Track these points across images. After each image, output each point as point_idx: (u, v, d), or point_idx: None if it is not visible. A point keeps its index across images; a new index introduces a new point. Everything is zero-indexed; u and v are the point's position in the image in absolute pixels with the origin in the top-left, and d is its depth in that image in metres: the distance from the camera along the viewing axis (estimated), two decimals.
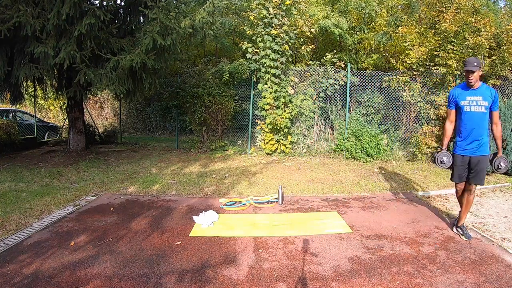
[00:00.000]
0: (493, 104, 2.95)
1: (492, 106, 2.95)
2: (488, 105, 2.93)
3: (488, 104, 2.93)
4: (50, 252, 2.66)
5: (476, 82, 2.95)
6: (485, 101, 2.93)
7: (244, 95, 7.85)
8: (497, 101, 2.96)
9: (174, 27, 5.60)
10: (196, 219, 3.33)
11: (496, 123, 3.01)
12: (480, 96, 2.95)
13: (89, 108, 11.28)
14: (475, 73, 2.89)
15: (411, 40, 7.22)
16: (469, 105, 2.97)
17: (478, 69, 2.89)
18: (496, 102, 2.95)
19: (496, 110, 2.97)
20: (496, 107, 2.96)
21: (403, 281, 2.25)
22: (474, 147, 2.98)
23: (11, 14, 4.88)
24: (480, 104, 2.95)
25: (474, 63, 2.87)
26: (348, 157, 6.69)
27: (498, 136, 3.02)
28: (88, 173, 5.48)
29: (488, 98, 2.94)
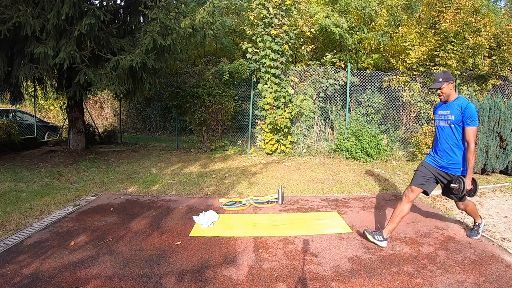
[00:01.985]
0: (464, 119, 2.66)
1: (464, 121, 2.66)
2: (454, 119, 2.70)
3: (454, 118, 2.70)
4: (50, 252, 2.65)
5: (450, 96, 2.77)
6: (452, 115, 2.73)
7: (244, 95, 7.86)
8: (470, 116, 2.63)
9: (174, 27, 5.60)
10: (196, 219, 3.33)
11: (468, 141, 2.67)
12: (448, 110, 2.77)
13: (89, 108, 11.30)
14: (444, 88, 2.74)
15: (411, 40, 7.23)
16: (438, 119, 2.87)
17: (446, 83, 2.72)
18: (469, 117, 2.63)
19: (469, 126, 2.64)
20: (469, 122, 2.64)
21: (403, 281, 2.25)
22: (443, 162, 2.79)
23: (11, 14, 4.88)
24: (446, 118, 2.78)
25: (439, 78, 2.75)
26: (348, 157, 6.69)
27: (467, 158, 2.68)
28: (88, 173, 5.48)
29: (455, 111, 2.71)
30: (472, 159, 2.66)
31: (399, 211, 2.79)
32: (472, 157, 2.65)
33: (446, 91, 2.76)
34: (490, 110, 5.22)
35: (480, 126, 5.24)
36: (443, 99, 2.80)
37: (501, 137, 5.26)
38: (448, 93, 2.77)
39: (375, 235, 2.79)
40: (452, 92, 2.78)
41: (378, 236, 2.78)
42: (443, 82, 2.73)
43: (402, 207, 2.80)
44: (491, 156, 5.23)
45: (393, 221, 2.79)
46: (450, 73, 2.80)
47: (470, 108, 2.64)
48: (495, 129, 5.25)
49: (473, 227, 3.08)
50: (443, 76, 2.75)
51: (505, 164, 5.34)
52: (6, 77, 5.91)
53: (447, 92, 2.77)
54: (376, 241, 2.76)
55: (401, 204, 2.82)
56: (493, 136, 5.25)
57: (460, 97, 2.78)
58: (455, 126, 2.72)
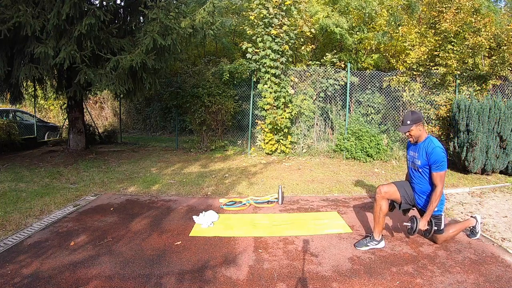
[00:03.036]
0: (431, 164, 2.58)
1: (431, 166, 2.59)
2: (421, 164, 2.65)
3: (421, 163, 2.65)
4: (50, 252, 2.66)
5: (419, 137, 2.69)
6: (419, 159, 2.68)
7: (244, 95, 7.86)
8: (436, 161, 2.54)
9: (174, 27, 5.60)
10: (196, 219, 3.33)
11: (435, 184, 2.58)
12: (417, 152, 2.71)
13: (89, 108, 11.30)
14: (412, 131, 2.67)
15: (411, 40, 7.22)
16: (409, 160, 2.85)
17: (415, 125, 2.64)
18: (434, 162, 2.55)
19: (436, 172, 2.56)
20: (436, 167, 2.55)
21: (403, 281, 2.25)
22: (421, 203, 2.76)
23: (11, 14, 4.88)
24: (415, 162, 2.73)
25: (407, 121, 2.66)
26: (348, 157, 6.69)
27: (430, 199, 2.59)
28: (88, 173, 5.48)
29: (422, 156, 2.64)
30: (435, 202, 2.57)
31: (378, 210, 2.74)
32: (435, 200, 2.57)
33: (414, 133, 2.69)
34: (490, 110, 5.22)
35: (480, 126, 5.24)
36: (412, 141, 2.75)
37: (501, 137, 5.26)
38: (417, 135, 2.70)
39: (368, 243, 2.76)
40: (421, 133, 2.69)
41: (371, 242, 2.76)
42: (412, 125, 2.65)
43: (379, 206, 2.74)
44: (491, 156, 5.23)
45: (378, 222, 2.75)
46: (418, 113, 2.69)
47: (435, 153, 2.54)
48: (495, 129, 5.25)
49: (470, 231, 3.03)
50: (411, 118, 2.65)
51: (505, 164, 5.34)
52: (6, 77, 5.91)
53: (415, 134, 2.69)
54: (373, 246, 2.74)
55: (376, 204, 2.76)
56: (493, 136, 5.24)
57: (428, 139, 2.67)
58: (423, 170, 2.67)
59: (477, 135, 5.19)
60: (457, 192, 4.49)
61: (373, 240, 2.76)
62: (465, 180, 5.09)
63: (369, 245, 2.74)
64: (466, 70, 6.59)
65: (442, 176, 2.56)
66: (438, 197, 2.57)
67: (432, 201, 2.58)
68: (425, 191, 2.72)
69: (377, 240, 2.75)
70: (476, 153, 5.21)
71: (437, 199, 2.57)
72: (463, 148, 5.38)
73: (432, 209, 2.59)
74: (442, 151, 2.57)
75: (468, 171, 5.40)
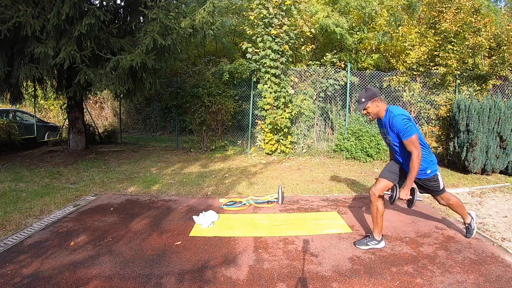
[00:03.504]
0: (399, 133, 2.47)
1: (399, 136, 2.49)
2: (392, 138, 2.58)
3: (392, 138, 2.58)
4: (50, 252, 2.65)
5: (379, 112, 2.59)
6: (389, 135, 2.60)
7: (244, 95, 7.86)
8: (399, 130, 2.44)
9: (174, 27, 5.60)
10: (196, 219, 3.33)
11: (410, 151, 2.45)
12: (384, 129, 2.63)
13: (89, 108, 11.30)
14: (369, 108, 2.57)
15: (411, 40, 7.23)
16: (383, 138, 2.76)
17: (371, 101, 2.54)
18: (400, 131, 2.45)
19: (405, 139, 2.45)
20: (405, 135, 2.43)
21: (403, 281, 2.25)
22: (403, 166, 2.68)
23: (11, 14, 4.88)
24: (387, 138, 2.64)
25: (361, 99, 2.56)
26: (348, 157, 6.69)
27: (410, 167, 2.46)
28: (88, 173, 5.48)
29: (389, 131, 2.56)
30: (414, 169, 2.44)
31: (375, 211, 2.72)
32: (414, 168, 2.44)
33: (372, 110, 2.58)
34: (490, 110, 5.22)
35: (480, 126, 5.24)
36: (372, 118, 2.65)
37: (501, 137, 5.26)
38: (375, 111, 2.59)
39: (368, 242, 2.75)
40: (380, 109, 2.58)
41: (371, 242, 2.75)
42: (367, 102, 2.55)
43: (375, 206, 2.72)
44: (491, 156, 5.23)
45: (376, 222, 2.75)
46: (373, 89, 2.59)
47: (396, 122, 2.45)
48: (495, 129, 5.24)
49: (465, 229, 2.96)
50: (366, 95, 2.56)
51: (505, 164, 5.34)
52: (6, 77, 5.91)
53: (373, 111, 2.59)
54: (373, 246, 2.74)
55: (372, 205, 2.74)
56: (493, 136, 5.24)
57: (388, 111, 2.56)
58: (397, 143, 2.58)
59: (477, 135, 5.19)
60: (457, 192, 4.49)
61: (373, 240, 2.76)
62: (465, 180, 5.09)
63: (369, 245, 2.74)
64: (466, 70, 6.59)
65: (413, 141, 2.43)
66: (416, 163, 2.43)
67: (411, 169, 2.45)
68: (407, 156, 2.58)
69: (377, 240, 2.75)
70: (476, 153, 5.21)
71: (415, 166, 2.43)
72: (463, 148, 5.38)
73: (411, 177, 2.46)
74: (403, 117, 2.44)
75: (468, 171, 5.40)
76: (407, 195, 2.53)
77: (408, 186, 2.50)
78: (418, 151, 2.43)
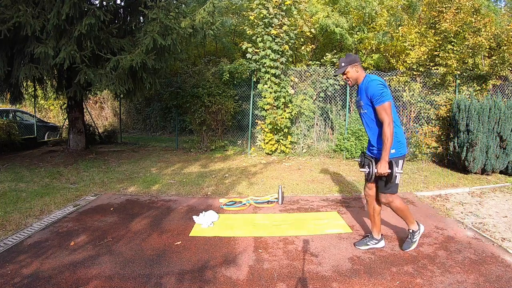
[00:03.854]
0: (373, 98, 2.35)
1: (372, 102, 2.37)
2: (364, 103, 2.46)
3: (363, 102, 2.46)
4: (50, 252, 2.65)
5: (358, 78, 2.51)
6: (361, 100, 2.49)
7: (244, 95, 7.86)
8: (374, 94, 2.32)
9: (174, 27, 5.60)
10: (196, 219, 3.33)
11: (382, 120, 2.32)
12: (359, 95, 2.53)
13: (89, 108, 11.30)
14: (348, 72, 2.50)
15: (411, 40, 7.22)
16: (357, 108, 2.65)
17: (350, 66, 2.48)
18: (374, 95, 2.33)
19: (378, 105, 2.32)
20: (379, 100, 2.31)
21: (403, 281, 2.25)
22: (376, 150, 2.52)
23: (11, 14, 4.88)
24: (360, 104, 2.54)
25: (342, 63, 2.51)
26: (348, 157, 6.69)
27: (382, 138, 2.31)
28: (88, 173, 5.48)
29: (363, 96, 2.45)
30: (388, 137, 2.26)
31: (372, 211, 2.72)
32: (387, 135, 2.26)
33: (351, 75, 2.51)
34: (490, 110, 5.22)
35: (480, 126, 5.24)
36: (351, 83, 2.56)
37: (501, 137, 5.26)
38: (355, 77, 2.51)
39: (368, 242, 2.75)
40: (359, 75, 2.51)
41: (371, 241, 2.75)
42: (346, 66, 2.48)
43: (372, 206, 2.71)
44: (491, 156, 5.23)
45: (374, 222, 2.75)
46: (354, 55, 2.54)
47: (372, 86, 2.34)
48: (495, 129, 5.24)
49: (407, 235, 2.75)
50: (346, 60, 2.50)
51: (505, 164, 5.34)
52: (6, 77, 5.91)
53: (352, 76, 2.51)
54: (372, 245, 2.74)
55: (369, 205, 2.74)
56: (493, 136, 5.24)
57: (367, 77, 2.47)
58: (368, 110, 2.45)
59: (477, 135, 5.19)
60: (457, 192, 4.49)
61: (372, 239, 2.76)
62: (465, 180, 5.09)
63: (369, 244, 2.74)
64: (466, 70, 6.59)
65: (385, 107, 2.30)
66: (389, 132, 2.27)
67: (384, 139, 2.29)
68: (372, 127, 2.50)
69: (377, 239, 2.75)
70: (476, 153, 5.21)
71: (388, 135, 2.26)
72: (463, 148, 5.38)
73: (386, 147, 2.28)
74: (379, 83, 2.35)
75: (468, 171, 5.40)
76: (385, 168, 2.32)
77: (384, 159, 2.31)
78: (389, 119, 2.29)
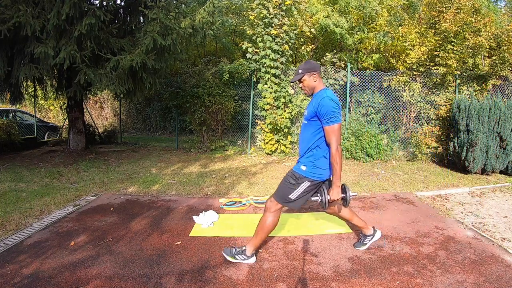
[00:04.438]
0: (320, 116, 2.20)
1: (320, 119, 2.21)
2: (307, 114, 2.31)
3: (307, 113, 2.31)
4: (50, 252, 2.66)
5: (314, 88, 2.35)
6: (306, 110, 2.35)
7: (244, 95, 7.86)
8: (325, 113, 2.16)
9: (174, 27, 5.60)
10: (196, 219, 3.33)
11: (329, 142, 2.21)
12: (309, 105, 2.37)
13: (89, 108, 11.29)
14: (304, 80, 2.34)
15: (411, 40, 7.23)
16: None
17: (308, 74, 2.32)
18: (325, 114, 2.16)
19: (326, 125, 2.18)
20: (330, 120, 2.16)
21: (403, 281, 2.25)
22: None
23: (11, 14, 4.88)
24: (304, 114, 2.40)
25: (299, 70, 2.34)
26: (348, 157, 6.68)
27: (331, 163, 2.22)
28: (88, 173, 5.48)
29: (310, 106, 2.30)
30: (338, 161, 2.17)
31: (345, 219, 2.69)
32: (337, 160, 2.17)
33: (308, 83, 2.34)
34: (490, 110, 5.22)
35: (480, 126, 5.24)
36: (307, 93, 2.39)
37: (501, 137, 5.26)
38: (311, 86, 2.34)
39: (364, 242, 2.73)
40: (316, 84, 2.34)
41: (366, 239, 2.72)
42: (303, 74, 2.32)
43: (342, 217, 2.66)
44: (491, 156, 5.23)
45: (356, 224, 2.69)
46: (314, 63, 2.37)
47: (324, 103, 2.17)
48: (495, 129, 5.24)
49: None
50: (304, 67, 2.33)
51: (505, 164, 5.34)
52: (6, 77, 5.91)
53: (309, 84, 2.34)
54: (370, 242, 2.72)
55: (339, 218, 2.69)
56: (493, 136, 5.24)
57: (323, 90, 2.31)
58: (309, 122, 2.32)
59: (477, 135, 5.19)
60: (457, 192, 4.49)
61: (366, 237, 2.73)
62: (465, 180, 5.09)
63: (366, 243, 2.72)
64: (466, 70, 6.59)
65: (335, 130, 2.18)
66: (338, 157, 2.17)
67: (334, 164, 2.19)
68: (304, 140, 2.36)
69: (370, 234, 2.71)
70: (476, 153, 5.21)
71: (337, 159, 2.17)
72: (463, 148, 5.38)
73: (337, 173, 2.19)
74: (334, 102, 2.21)
75: (468, 171, 5.40)
76: (338, 194, 2.27)
77: (336, 184, 2.24)
78: (337, 143, 2.18)
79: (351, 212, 2.67)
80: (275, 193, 2.46)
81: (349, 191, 2.35)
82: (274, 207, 2.43)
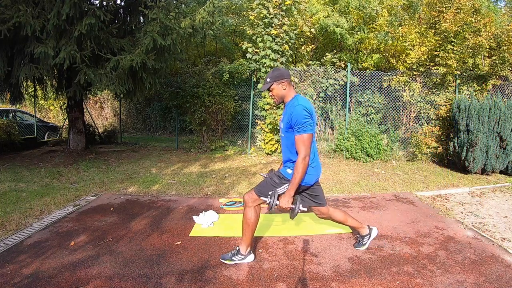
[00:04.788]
0: (294, 125, 2.15)
1: (293, 129, 2.17)
2: (283, 126, 2.28)
3: (283, 125, 2.28)
4: (50, 252, 2.65)
5: (285, 97, 2.28)
6: (282, 121, 2.31)
7: (244, 95, 7.86)
8: (298, 122, 2.12)
9: (174, 27, 5.60)
10: (196, 219, 3.33)
11: (298, 151, 2.15)
12: (283, 115, 2.32)
13: (89, 108, 11.29)
14: (273, 89, 2.26)
15: (411, 40, 7.23)
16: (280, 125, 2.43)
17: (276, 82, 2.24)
18: (296, 123, 2.13)
19: (297, 134, 2.14)
20: (300, 129, 2.12)
21: (403, 281, 2.25)
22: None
23: (11, 14, 4.88)
24: (280, 126, 2.36)
25: (267, 78, 2.26)
26: (348, 157, 6.69)
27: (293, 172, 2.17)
28: (88, 173, 5.48)
29: (284, 118, 2.27)
30: (300, 172, 2.13)
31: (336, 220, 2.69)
32: (299, 170, 2.13)
33: (276, 92, 2.27)
34: (490, 110, 5.22)
35: (480, 126, 5.24)
36: (277, 102, 2.33)
37: (501, 137, 5.26)
38: (280, 94, 2.27)
39: (363, 242, 2.72)
40: (286, 93, 2.27)
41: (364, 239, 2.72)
42: (271, 82, 2.25)
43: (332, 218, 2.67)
44: (491, 156, 5.23)
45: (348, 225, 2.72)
46: (282, 70, 2.28)
47: (296, 112, 2.13)
48: (495, 129, 5.24)
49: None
50: (272, 75, 2.25)
51: (505, 164, 5.34)
52: (6, 77, 5.91)
53: (278, 93, 2.27)
54: (368, 241, 2.73)
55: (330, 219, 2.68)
56: (493, 136, 5.24)
57: (295, 98, 2.25)
58: (285, 135, 2.29)
59: (477, 135, 5.19)
60: (457, 192, 4.49)
61: (363, 237, 2.72)
62: (465, 180, 5.09)
63: (365, 243, 2.72)
64: (466, 70, 6.59)
65: (305, 139, 2.12)
66: (301, 167, 2.12)
67: (294, 173, 2.15)
68: (286, 151, 2.34)
69: (367, 233, 2.71)
70: (476, 153, 5.21)
71: (299, 170, 2.12)
72: (463, 148, 5.38)
73: (295, 182, 2.15)
74: (304, 109, 2.14)
75: (468, 171, 5.40)
76: (287, 203, 2.18)
77: (289, 193, 2.18)
78: (306, 153, 2.14)
79: (345, 215, 2.67)
80: (256, 187, 2.41)
81: (300, 205, 2.25)
82: (252, 201, 2.40)
